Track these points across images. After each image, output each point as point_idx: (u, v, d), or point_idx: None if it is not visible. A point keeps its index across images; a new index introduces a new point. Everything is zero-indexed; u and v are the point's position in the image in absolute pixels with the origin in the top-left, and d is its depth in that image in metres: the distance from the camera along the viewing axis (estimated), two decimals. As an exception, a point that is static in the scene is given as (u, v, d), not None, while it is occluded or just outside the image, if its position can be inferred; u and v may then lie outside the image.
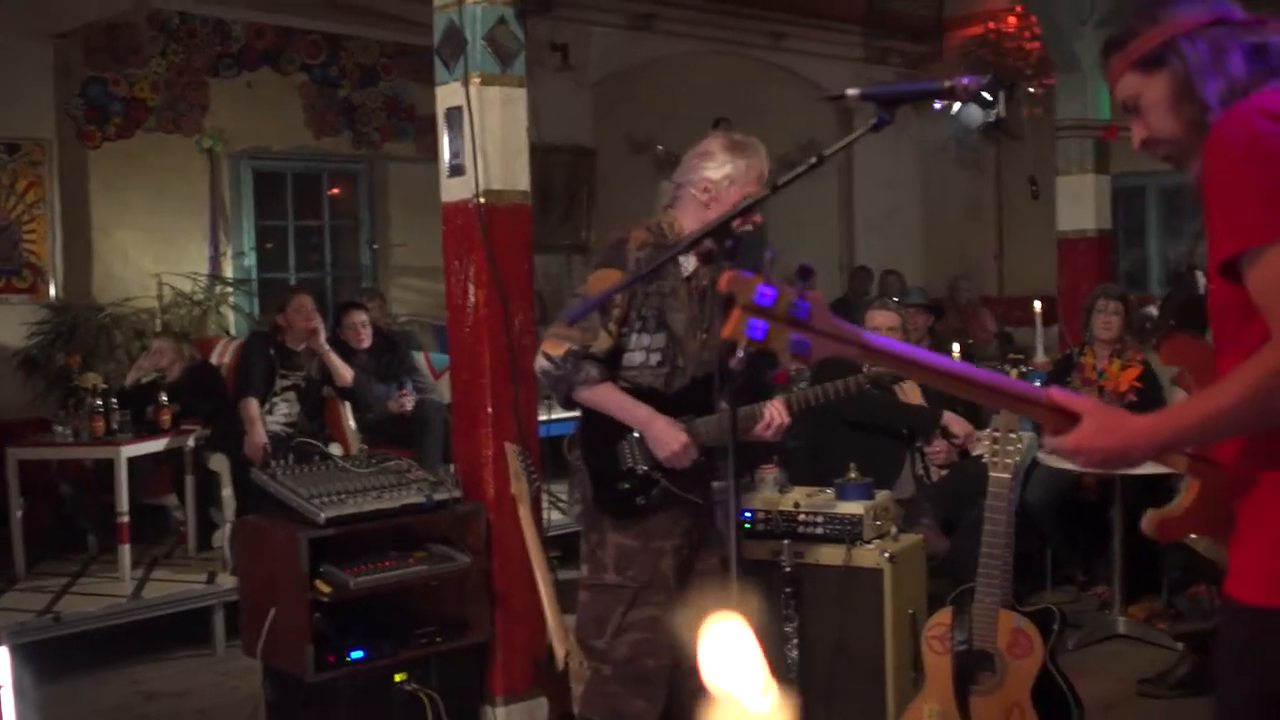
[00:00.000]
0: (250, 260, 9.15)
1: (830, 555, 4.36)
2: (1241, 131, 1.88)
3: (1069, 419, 1.98)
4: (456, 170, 4.69)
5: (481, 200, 4.57)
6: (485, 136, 4.58)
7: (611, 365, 3.60)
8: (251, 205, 9.21)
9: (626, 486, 3.63)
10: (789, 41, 11.53)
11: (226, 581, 5.95)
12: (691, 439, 3.57)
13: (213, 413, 6.79)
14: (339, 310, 7.59)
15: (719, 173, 3.58)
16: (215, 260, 8.81)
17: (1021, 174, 10.13)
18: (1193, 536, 5.22)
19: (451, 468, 4.68)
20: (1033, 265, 9.37)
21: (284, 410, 6.75)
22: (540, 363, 3.60)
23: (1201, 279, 11.19)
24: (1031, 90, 10.26)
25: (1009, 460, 4.06)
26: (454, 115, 4.67)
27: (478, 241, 4.58)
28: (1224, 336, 2.03)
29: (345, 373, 6.87)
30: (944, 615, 4.01)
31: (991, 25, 11.62)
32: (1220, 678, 2.12)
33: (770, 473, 4.78)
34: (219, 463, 6.51)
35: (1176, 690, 4.97)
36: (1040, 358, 7.09)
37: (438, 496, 4.40)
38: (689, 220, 3.63)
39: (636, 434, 3.61)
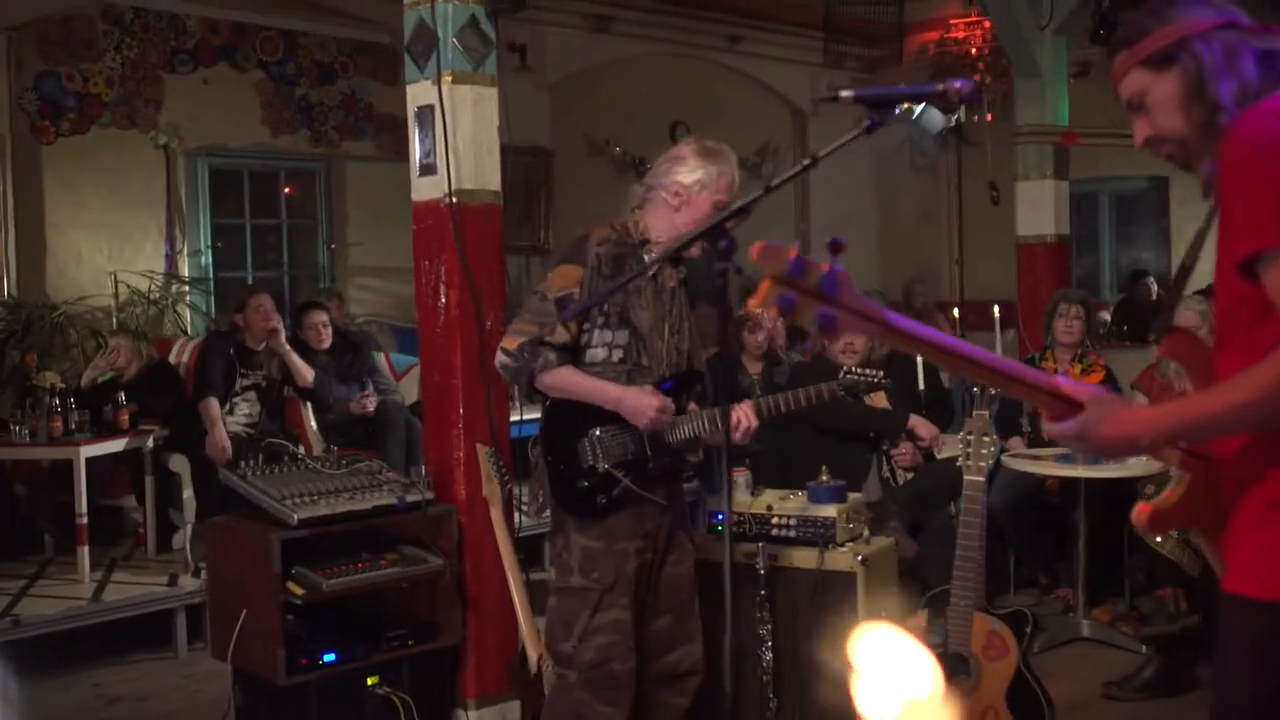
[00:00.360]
0: (207, 259, 9.03)
1: (804, 558, 4.35)
2: (1262, 132, 1.90)
3: (1071, 406, 1.98)
4: (427, 169, 4.64)
5: (453, 200, 4.53)
6: (457, 135, 4.55)
7: (571, 357, 3.61)
8: (208, 203, 9.09)
9: (585, 485, 3.62)
10: (745, 45, 11.56)
11: (188, 584, 5.88)
12: (665, 400, 3.57)
13: (171, 413, 6.71)
14: (298, 310, 7.52)
15: (690, 177, 3.61)
16: (171, 258, 8.68)
17: (978, 179, 10.20)
18: (1158, 539, 5.28)
19: (423, 469, 4.65)
20: (990, 270, 9.46)
21: (245, 410, 6.69)
22: (499, 359, 3.64)
23: (1154, 285, 11.36)
24: (989, 98, 10.34)
25: (983, 463, 4.08)
26: (425, 114, 4.64)
27: (450, 241, 4.54)
28: (1231, 334, 2.04)
29: (306, 373, 6.82)
30: (919, 618, 4.03)
31: (941, 33, 11.69)
32: (1223, 673, 2.13)
33: (741, 475, 4.79)
34: (179, 464, 6.43)
35: (1142, 693, 5.01)
36: (1001, 361, 7.13)
37: (410, 498, 4.37)
38: (657, 222, 3.66)
39: (598, 432, 3.61)
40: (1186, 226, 12.27)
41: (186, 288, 8.76)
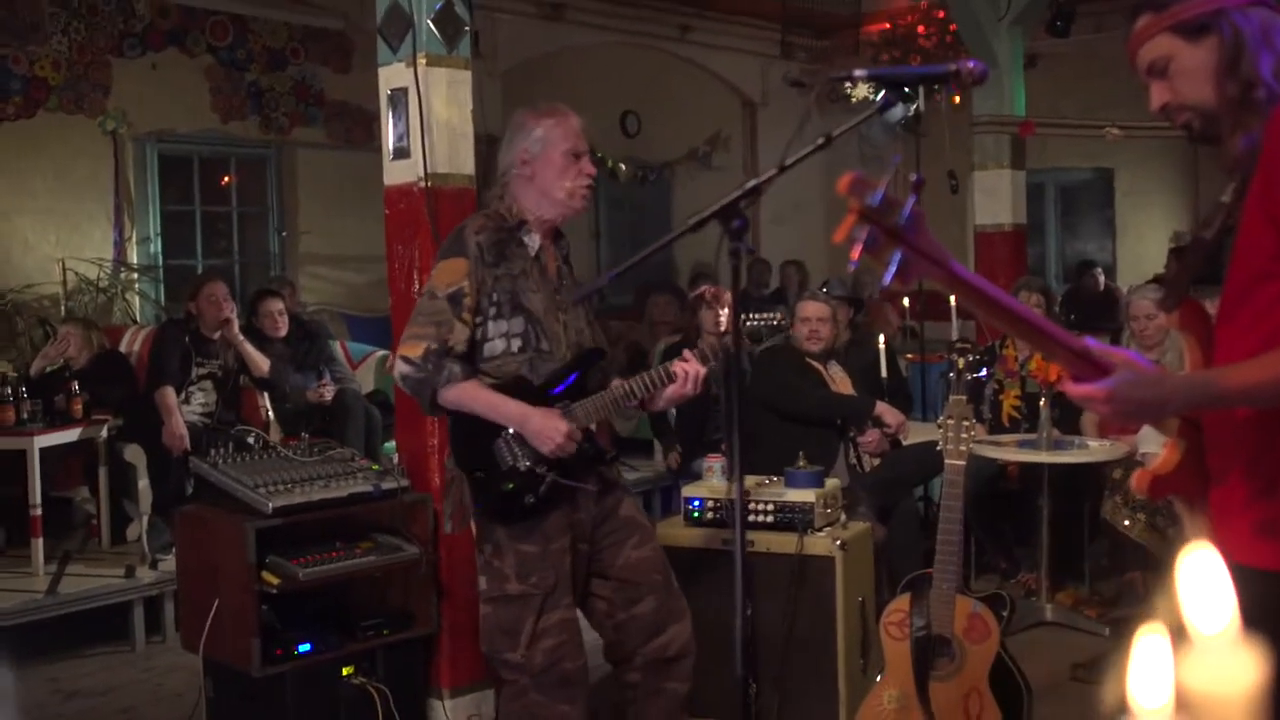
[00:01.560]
0: (156, 246, 8.89)
1: (782, 543, 4.35)
2: None
3: (1097, 369, 1.97)
4: (400, 153, 4.57)
5: (428, 184, 4.47)
6: (431, 118, 4.48)
7: (472, 360, 3.50)
8: (157, 189, 8.95)
9: (510, 486, 3.49)
10: (697, 35, 11.56)
11: (146, 576, 5.78)
12: (573, 425, 3.47)
13: (123, 403, 6.58)
14: (254, 298, 7.40)
15: (529, 138, 3.55)
16: (120, 245, 8.54)
17: (933, 169, 10.27)
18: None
19: (395, 457, 4.58)
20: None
21: (201, 400, 6.58)
22: (400, 368, 3.47)
23: (1101, 276, 11.48)
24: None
25: (963, 448, 4.09)
26: (398, 97, 4.56)
27: (424, 226, 4.47)
28: (1246, 306, 2.04)
29: (261, 363, 6.71)
30: (902, 601, 4.02)
31: (890, 24, 11.74)
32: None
33: (717, 461, 4.77)
34: (134, 454, 6.31)
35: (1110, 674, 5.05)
36: (961, 351, 7.16)
37: (385, 485, 4.29)
38: (525, 199, 3.59)
39: (512, 430, 3.48)
40: (1131, 217, 12.42)
41: (136, 275, 8.62)
